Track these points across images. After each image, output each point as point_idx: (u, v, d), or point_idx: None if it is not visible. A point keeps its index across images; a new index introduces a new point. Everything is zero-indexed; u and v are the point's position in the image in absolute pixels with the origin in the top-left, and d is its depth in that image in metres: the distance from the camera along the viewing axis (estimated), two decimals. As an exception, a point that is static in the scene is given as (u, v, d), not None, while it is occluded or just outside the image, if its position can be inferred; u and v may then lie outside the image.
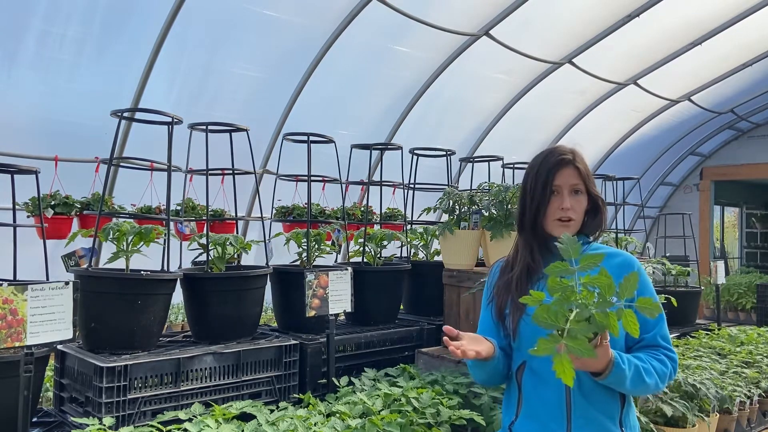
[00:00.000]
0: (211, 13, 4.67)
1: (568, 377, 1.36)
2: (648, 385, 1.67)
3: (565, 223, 1.79)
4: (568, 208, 1.78)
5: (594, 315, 1.39)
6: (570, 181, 1.79)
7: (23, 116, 4.47)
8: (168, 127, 3.10)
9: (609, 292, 1.42)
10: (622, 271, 1.72)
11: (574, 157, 1.82)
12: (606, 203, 1.88)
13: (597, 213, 1.84)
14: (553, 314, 1.41)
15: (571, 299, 1.42)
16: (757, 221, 13.00)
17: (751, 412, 3.96)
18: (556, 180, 1.80)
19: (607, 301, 1.40)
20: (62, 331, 2.32)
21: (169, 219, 3.07)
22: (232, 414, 2.54)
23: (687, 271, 5.53)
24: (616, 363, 1.59)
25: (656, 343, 1.75)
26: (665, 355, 1.74)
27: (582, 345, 1.39)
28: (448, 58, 6.07)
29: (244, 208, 5.87)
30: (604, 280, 1.42)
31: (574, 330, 1.39)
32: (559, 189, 1.80)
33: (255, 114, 5.43)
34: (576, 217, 1.80)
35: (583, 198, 1.81)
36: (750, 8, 6.37)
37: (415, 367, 3.47)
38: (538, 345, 1.39)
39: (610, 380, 1.61)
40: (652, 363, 1.70)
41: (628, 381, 1.63)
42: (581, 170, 1.81)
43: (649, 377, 1.67)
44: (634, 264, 1.79)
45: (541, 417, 1.76)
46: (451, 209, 4.06)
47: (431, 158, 5.00)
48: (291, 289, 3.48)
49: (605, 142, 8.81)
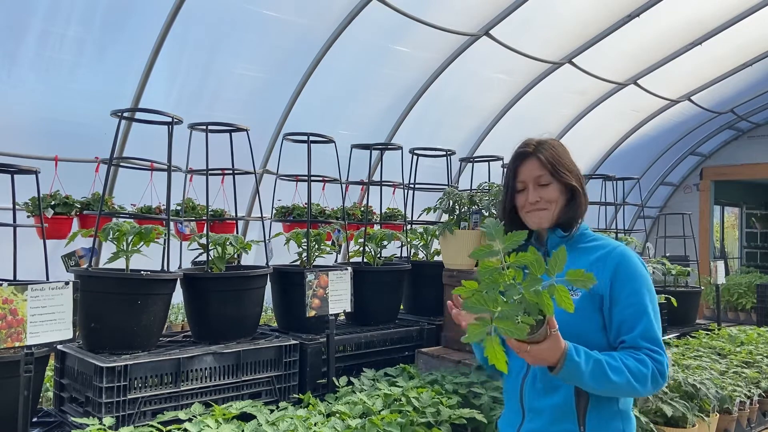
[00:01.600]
0: (211, 13, 4.67)
1: (501, 362, 1.31)
2: (616, 384, 1.54)
3: (536, 214, 1.75)
4: (535, 200, 1.74)
5: (523, 294, 1.33)
6: (533, 174, 1.75)
7: (23, 116, 4.47)
8: (168, 127, 3.09)
9: (539, 270, 1.35)
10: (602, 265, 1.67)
11: (536, 148, 1.76)
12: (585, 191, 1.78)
13: (572, 201, 1.76)
14: (483, 299, 1.34)
15: (499, 281, 1.37)
16: (757, 221, 12.99)
17: (751, 412, 3.96)
18: (520, 175, 1.78)
19: (537, 278, 1.34)
20: (62, 331, 2.32)
21: (169, 219, 3.07)
22: (232, 414, 2.54)
23: (687, 271, 5.53)
24: (569, 356, 1.50)
25: (636, 344, 1.61)
26: (648, 355, 1.59)
27: (511, 326, 1.31)
28: (448, 58, 6.07)
29: (244, 208, 5.87)
30: (530, 257, 1.36)
31: (504, 312, 1.33)
32: (525, 183, 1.77)
33: (255, 114, 5.43)
34: (549, 206, 1.74)
35: (551, 188, 1.74)
36: (750, 8, 6.38)
37: (414, 367, 3.47)
38: (468, 331, 1.33)
39: (564, 374, 1.52)
40: (626, 361, 1.57)
41: (586, 376, 1.52)
42: (544, 160, 1.73)
43: (618, 375, 1.54)
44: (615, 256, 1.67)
45: (508, 410, 1.82)
46: (451, 209, 4.06)
47: (431, 158, 4.99)
48: (291, 289, 3.48)
49: (605, 142, 8.81)
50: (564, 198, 1.76)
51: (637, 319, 1.63)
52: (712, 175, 11.03)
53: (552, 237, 1.78)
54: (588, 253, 1.74)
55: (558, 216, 1.76)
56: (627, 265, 1.67)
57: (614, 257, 1.68)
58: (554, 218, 1.76)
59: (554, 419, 1.66)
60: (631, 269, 1.67)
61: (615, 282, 1.66)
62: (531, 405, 1.71)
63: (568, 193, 1.76)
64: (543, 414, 1.68)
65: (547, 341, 1.47)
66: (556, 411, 1.66)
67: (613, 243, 1.74)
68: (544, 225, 1.76)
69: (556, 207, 1.75)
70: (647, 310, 1.65)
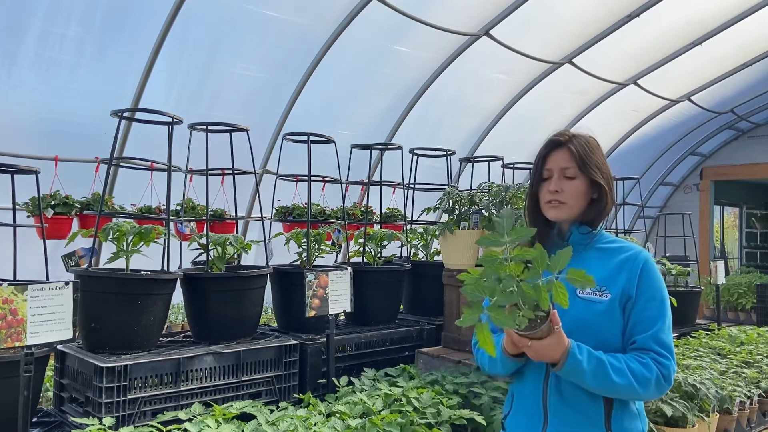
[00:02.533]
0: (211, 13, 4.67)
1: (490, 347, 1.34)
2: (618, 385, 1.55)
3: (555, 205, 1.72)
4: (554, 191, 1.71)
5: (521, 286, 1.35)
6: (560, 164, 1.73)
7: (23, 116, 4.47)
8: (168, 127, 3.09)
9: (541, 265, 1.37)
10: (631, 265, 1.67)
11: (569, 139, 1.74)
12: (613, 192, 1.76)
13: (598, 200, 1.73)
14: (481, 287, 1.37)
15: (499, 271, 1.39)
16: (757, 221, 13.00)
17: (751, 412, 3.96)
18: (548, 163, 1.76)
19: (536, 272, 1.36)
20: (62, 331, 2.32)
21: (169, 219, 3.07)
22: (232, 414, 2.54)
23: (687, 271, 5.52)
24: (571, 353, 1.52)
25: (647, 346, 1.62)
26: (653, 359, 1.60)
27: (501, 314, 1.35)
28: (448, 58, 6.07)
29: (244, 208, 5.87)
30: (533, 253, 1.38)
31: (498, 300, 1.35)
32: (551, 172, 1.75)
33: (255, 114, 5.43)
34: (567, 200, 1.71)
35: (578, 182, 1.71)
36: (750, 8, 6.38)
37: (414, 367, 3.47)
38: (462, 315, 1.36)
39: (565, 371, 1.54)
40: (630, 363, 1.58)
41: (587, 374, 1.54)
42: (575, 153, 1.70)
43: (620, 377, 1.55)
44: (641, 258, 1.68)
45: (525, 411, 1.76)
46: (451, 209, 4.06)
47: (431, 158, 4.99)
48: (291, 289, 3.48)
49: (605, 142, 8.81)
50: (588, 196, 1.73)
51: (653, 322, 1.64)
52: (712, 175, 11.03)
53: (574, 233, 1.76)
54: (612, 253, 1.73)
55: (580, 214, 1.74)
56: (652, 269, 1.69)
57: (641, 259, 1.69)
58: (574, 215, 1.73)
59: (582, 423, 1.64)
60: (655, 275, 1.69)
61: (640, 284, 1.67)
62: (557, 410, 1.67)
63: (594, 192, 1.73)
64: (570, 419, 1.65)
65: (549, 338, 1.47)
66: (583, 415, 1.64)
67: (634, 245, 1.75)
68: (562, 217, 1.74)
69: (577, 204, 1.72)
70: (664, 316, 1.67)
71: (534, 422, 1.71)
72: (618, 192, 5.81)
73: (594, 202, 1.74)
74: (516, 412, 1.80)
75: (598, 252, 1.74)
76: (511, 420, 1.81)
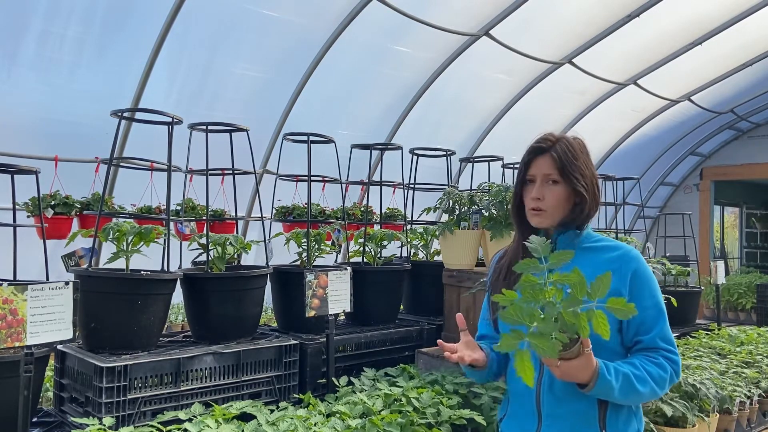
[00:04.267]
0: (211, 13, 4.66)
1: (529, 377, 1.32)
2: (642, 394, 1.59)
3: (537, 213, 1.72)
4: (536, 197, 1.72)
5: (561, 314, 1.33)
6: (543, 171, 1.72)
7: (23, 116, 4.47)
8: (168, 127, 3.09)
9: (580, 292, 1.35)
10: (619, 265, 1.67)
11: (552, 145, 1.73)
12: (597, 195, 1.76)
13: (581, 204, 1.73)
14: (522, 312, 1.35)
15: (539, 297, 1.37)
16: (757, 221, 13.00)
17: (751, 412, 3.96)
18: (531, 169, 1.75)
19: (577, 300, 1.34)
20: (62, 331, 2.32)
21: (169, 219, 3.07)
22: (232, 414, 2.54)
23: (687, 271, 5.52)
24: (601, 374, 1.52)
25: (655, 345, 1.65)
26: (665, 357, 1.64)
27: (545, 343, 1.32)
28: (448, 58, 6.07)
29: (244, 208, 5.87)
30: (574, 278, 1.35)
31: (539, 328, 1.33)
32: (534, 178, 1.75)
33: (255, 114, 5.43)
34: (547, 207, 1.71)
35: (559, 188, 1.71)
36: (750, 8, 6.38)
37: (414, 367, 3.47)
38: (501, 340, 1.34)
39: (595, 392, 1.55)
40: (648, 368, 1.61)
41: (616, 392, 1.55)
42: (557, 159, 1.70)
43: (643, 385, 1.58)
44: (632, 257, 1.69)
45: (520, 414, 1.77)
46: (451, 209, 4.06)
47: (431, 158, 4.99)
48: (291, 289, 3.48)
49: (605, 142, 8.81)
50: (571, 201, 1.73)
51: (655, 320, 1.66)
52: (712, 175, 11.03)
53: (560, 237, 1.77)
54: (599, 252, 1.73)
55: (561, 219, 1.74)
56: (644, 267, 1.69)
57: (632, 258, 1.69)
58: (557, 221, 1.74)
59: (576, 424, 1.65)
60: (647, 272, 1.69)
61: (635, 283, 1.67)
62: (550, 410, 1.67)
63: (576, 197, 1.73)
64: (564, 419, 1.66)
65: (579, 359, 1.47)
66: (577, 416, 1.65)
67: (622, 244, 1.75)
68: (545, 225, 1.75)
69: (559, 211, 1.72)
70: (663, 312, 1.68)
71: (527, 422, 1.72)
72: (618, 192, 5.81)
73: (575, 207, 1.74)
74: (511, 413, 1.82)
75: (584, 251, 1.74)
76: (507, 422, 1.83)
